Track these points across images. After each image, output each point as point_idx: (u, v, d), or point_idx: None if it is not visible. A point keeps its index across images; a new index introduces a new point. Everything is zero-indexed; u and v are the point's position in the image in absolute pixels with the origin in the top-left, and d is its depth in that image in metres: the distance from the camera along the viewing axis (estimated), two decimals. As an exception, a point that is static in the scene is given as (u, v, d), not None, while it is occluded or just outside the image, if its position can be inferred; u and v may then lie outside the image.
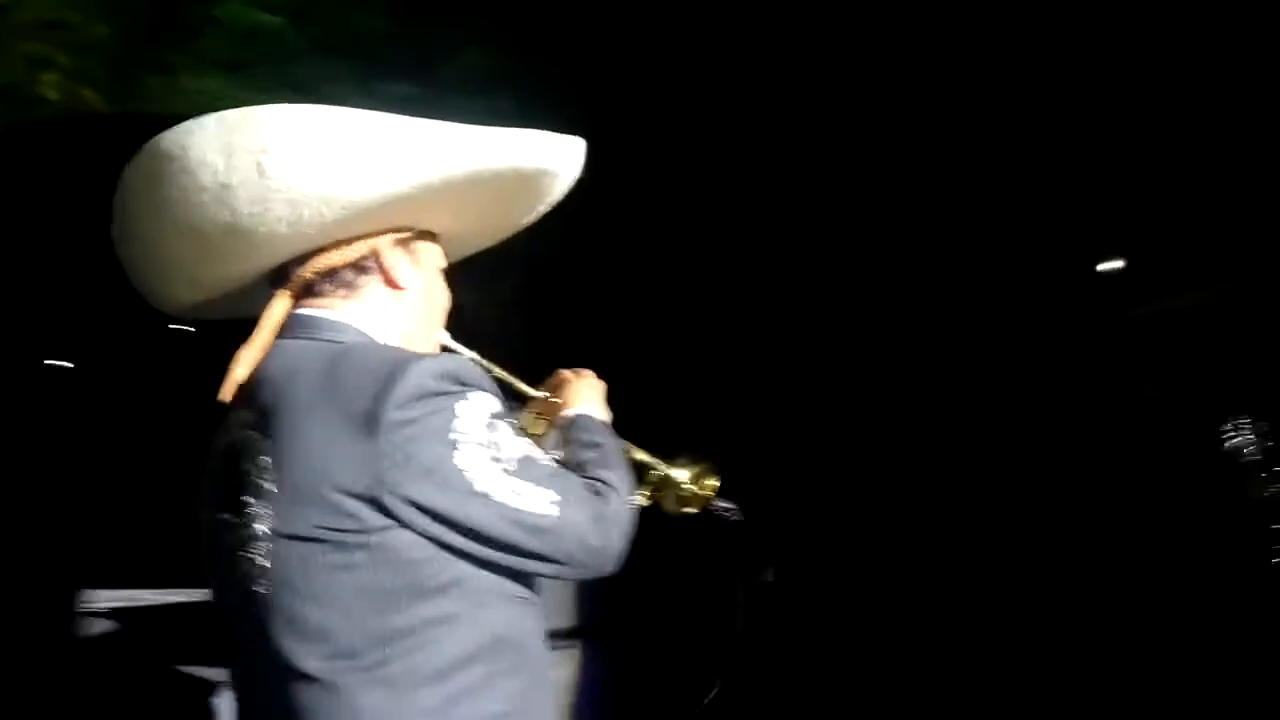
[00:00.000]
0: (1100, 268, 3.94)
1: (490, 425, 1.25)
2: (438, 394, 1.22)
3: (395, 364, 1.23)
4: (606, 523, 1.31)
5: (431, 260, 1.44)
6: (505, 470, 1.23)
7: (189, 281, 1.39)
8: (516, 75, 3.32)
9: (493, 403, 1.27)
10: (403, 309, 1.39)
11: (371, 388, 1.20)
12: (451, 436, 1.21)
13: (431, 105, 1.34)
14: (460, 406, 1.23)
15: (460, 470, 1.21)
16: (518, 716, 1.26)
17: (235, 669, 1.37)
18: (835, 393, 4.16)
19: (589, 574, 1.34)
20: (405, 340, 1.37)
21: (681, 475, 1.73)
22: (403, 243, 1.39)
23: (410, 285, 1.39)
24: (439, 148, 1.31)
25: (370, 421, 1.18)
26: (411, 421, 1.19)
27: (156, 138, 1.29)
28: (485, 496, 1.22)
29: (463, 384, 1.25)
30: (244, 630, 1.28)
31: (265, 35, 3.21)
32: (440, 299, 1.46)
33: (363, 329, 1.35)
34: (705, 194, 3.97)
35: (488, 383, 1.30)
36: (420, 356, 1.26)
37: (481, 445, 1.22)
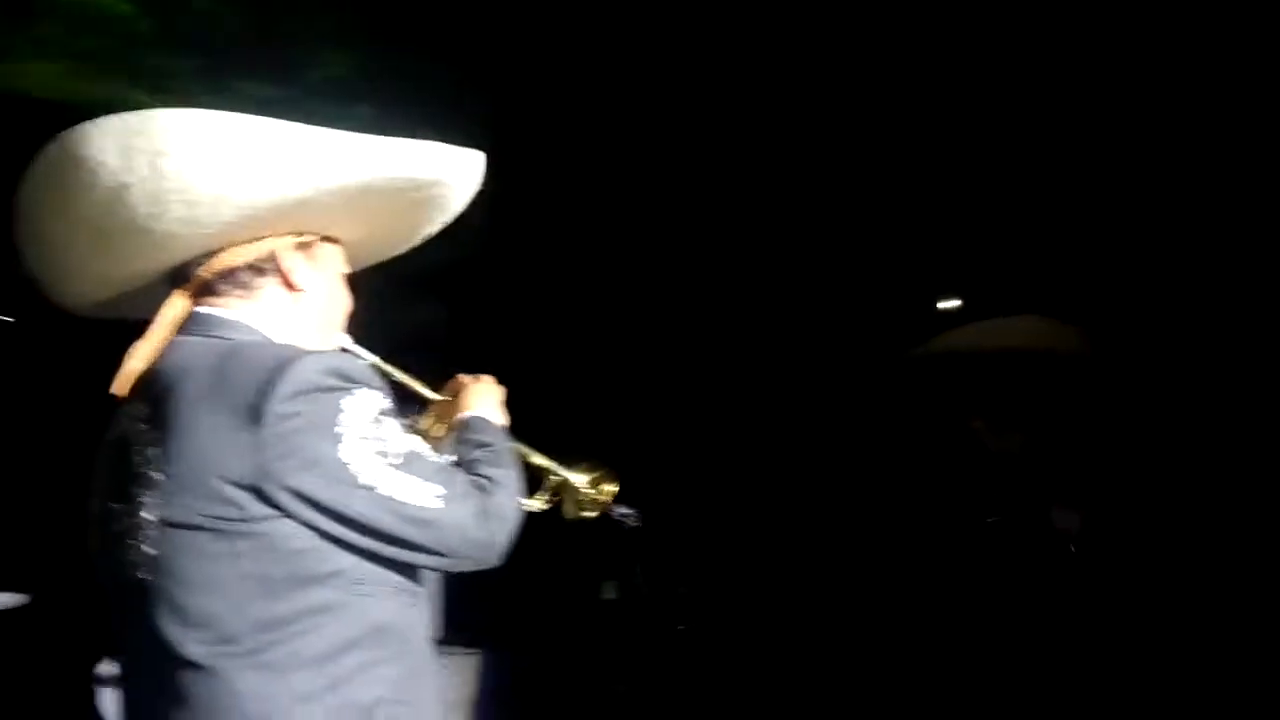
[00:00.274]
0: (940, 305, 4.26)
1: (377, 421, 1.29)
2: (323, 389, 1.26)
3: (282, 359, 1.27)
4: (490, 517, 1.37)
5: (332, 264, 1.47)
6: (391, 464, 1.28)
7: (90, 279, 1.40)
8: (379, 82, 3.31)
9: (380, 400, 1.32)
10: (300, 311, 1.42)
11: (258, 382, 1.24)
12: (337, 430, 1.25)
13: (291, 109, 1.35)
14: (346, 401, 1.27)
15: (345, 463, 1.25)
16: (397, 703, 1.31)
17: (121, 657, 1.38)
18: (726, 403, 4.35)
19: (472, 567, 1.39)
20: (301, 341, 1.39)
21: (580, 480, 1.78)
22: (303, 246, 1.43)
23: (308, 288, 1.42)
24: (335, 155, 1.35)
25: (255, 414, 1.22)
26: (296, 414, 1.23)
27: (57, 137, 1.30)
28: (370, 489, 1.26)
29: (350, 380, 1.29)
30: (130, 618, 1.30)
31: (113, 23, 3.09)
32: (340, 303, 1.49)
33: (258, 328, 1.38)
34: (588, 202, 4.03)
35: (377, 381, 1.34)
36: (308, 353, 1.29)
37: (367, 439, 1.27)
